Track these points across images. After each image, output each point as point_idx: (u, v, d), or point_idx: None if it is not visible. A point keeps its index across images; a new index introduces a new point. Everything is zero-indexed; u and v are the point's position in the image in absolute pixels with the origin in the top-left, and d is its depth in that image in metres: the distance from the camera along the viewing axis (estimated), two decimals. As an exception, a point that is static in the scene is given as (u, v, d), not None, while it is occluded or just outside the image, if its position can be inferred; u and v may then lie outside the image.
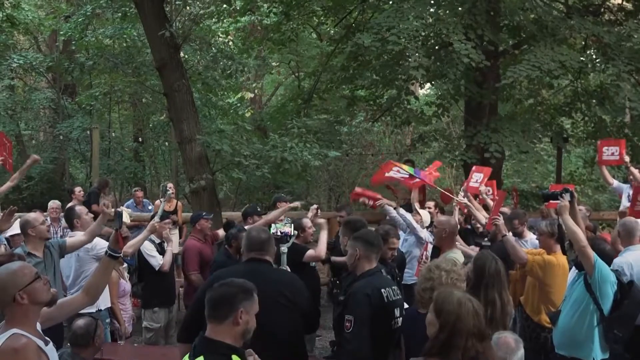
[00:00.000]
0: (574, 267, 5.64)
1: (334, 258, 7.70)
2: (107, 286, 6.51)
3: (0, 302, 3.31)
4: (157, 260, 7.15)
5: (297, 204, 8.19)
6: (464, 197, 7.66)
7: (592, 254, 5.04)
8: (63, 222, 9.29)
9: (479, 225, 7.71)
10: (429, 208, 8.74)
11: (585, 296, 5.14)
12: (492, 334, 3.67)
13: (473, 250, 6.61)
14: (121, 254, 4.16)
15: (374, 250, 4.60)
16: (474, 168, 8.65)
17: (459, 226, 7.78)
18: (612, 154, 8.99)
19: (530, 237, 7.22)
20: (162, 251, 7.29)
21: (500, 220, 6.11)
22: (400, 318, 4.53)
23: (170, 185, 10.46)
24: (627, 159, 8.97)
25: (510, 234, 6.35)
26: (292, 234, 5.99)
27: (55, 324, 3.87)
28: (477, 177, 8.22)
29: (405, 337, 4.48)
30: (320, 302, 8.61)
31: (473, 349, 3.27)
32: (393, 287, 4.57)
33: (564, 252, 5.85)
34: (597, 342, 5.13)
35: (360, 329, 4.23)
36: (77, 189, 11.07)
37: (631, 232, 5.96)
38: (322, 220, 7.09)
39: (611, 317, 5.11)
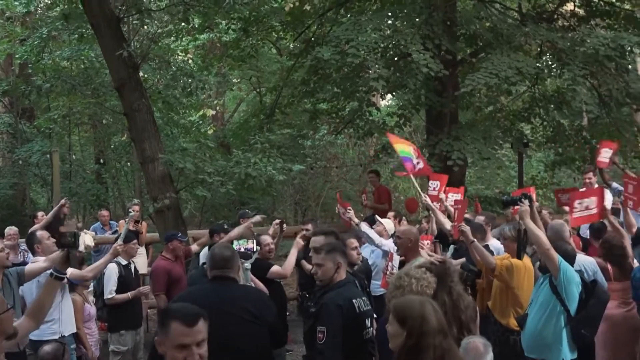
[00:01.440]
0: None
1: (304, 262, 7.72)
2: (72, 311, 6.44)
3: None
4: (109, 290, 7.06)
5: (258, 218, 8.14)
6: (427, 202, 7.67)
7: (557, 256, 5.10)
8: (22, 246, 9.13)
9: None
10: (389, 217, 8.77)
11: (551, 298, 5.19)
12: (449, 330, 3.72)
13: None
14: (66, 276, 4.05)
15: (347, 260, 4.66)
16: (430, 176, 8.67)
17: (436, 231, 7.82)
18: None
19: (492, 242, 7.25)
20: (127, 273, 7.20)
21: (466, 227, 6.16)
22: (371, 328, 4.53)
23: (135, 207, 10.32)
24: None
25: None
26: (255, 250, 5.96)
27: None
28: (434, 185, 8.24)
29: (379, 346, 4.49)
30: (290, 317, 8.56)
31: (440, 347, 3.32)
32: (363, 298, 4.59)
33: (519, 257, 5.90)
34: (565, 343, 5.18)
35: (333, 340, 4.23)
36: (40, 214, 10.87)
37: (558, 234, 6.09)
38: (299, 240, 6.98)
39: (578, 317, 5.17)
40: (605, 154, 9.42)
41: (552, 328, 5.18)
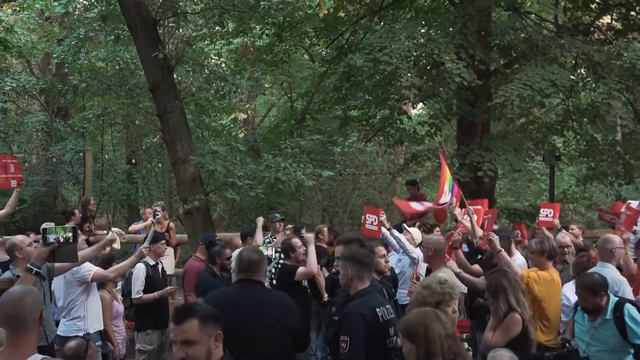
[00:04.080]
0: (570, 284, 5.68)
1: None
2: (99, 309, 6.52)
3: (28, 320, 3.18)
4: (137, 289, 7.14)
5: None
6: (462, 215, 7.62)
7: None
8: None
9: (474, 241, 7.64)
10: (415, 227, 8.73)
11: (621, 344, 5.12)
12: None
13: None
14: (40, 270, 4.03)
15: (365, 270, 4.60)
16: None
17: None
18: (547, 215, 9.03)
19: (517, 256, 7.17)
20: (155, 273, 7.27)
21: (495, 236, 6.11)
22: (395, 337, 4.51)
23: (150, 210, 10.43)
24: (556, 222, 8.97)
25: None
26: (273, 256, 5.98)
27: None
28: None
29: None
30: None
31: (451, 350, 3.36)
32: (387, 306, 4.56)
33: None
34: None
35: (356, 349, 4.21)
36: (77, 211, 11.02)
37: (603, 247, 6.03)
38: (308, 235, 7.09)
39: None
40: None
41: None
